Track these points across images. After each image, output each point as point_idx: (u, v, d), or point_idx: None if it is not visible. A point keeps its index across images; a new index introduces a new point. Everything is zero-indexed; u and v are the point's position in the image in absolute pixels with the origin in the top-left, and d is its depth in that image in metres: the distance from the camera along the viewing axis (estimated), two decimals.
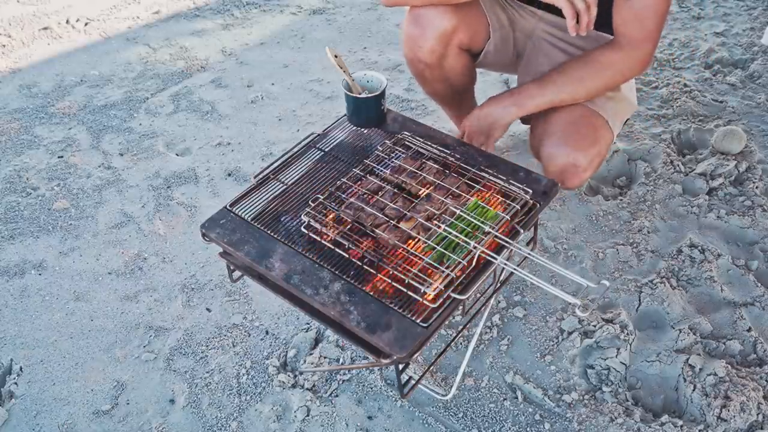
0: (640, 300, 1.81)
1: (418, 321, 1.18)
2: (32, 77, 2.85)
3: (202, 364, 1.72)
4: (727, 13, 3.08)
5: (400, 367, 1.27)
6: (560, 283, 1.86)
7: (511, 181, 1.42)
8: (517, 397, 1.61)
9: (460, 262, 1.23)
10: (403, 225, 1.31)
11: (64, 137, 2.51)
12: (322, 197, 1.39)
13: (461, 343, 1.73)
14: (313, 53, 2.93)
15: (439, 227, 1.30)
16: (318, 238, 1.32)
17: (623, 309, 1.78)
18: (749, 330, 1.73)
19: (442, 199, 1.36)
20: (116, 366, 1.73)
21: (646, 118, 2.46)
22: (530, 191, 1.39)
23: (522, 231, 1.33)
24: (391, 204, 1.36)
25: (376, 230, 1.30)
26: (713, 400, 1.55)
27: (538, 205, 1.39)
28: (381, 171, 1.46)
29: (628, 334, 1.69)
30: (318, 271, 1.28)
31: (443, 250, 1.26)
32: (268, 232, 1.36)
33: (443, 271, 1.22)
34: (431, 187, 1.41)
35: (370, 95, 1.57)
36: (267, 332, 1.78)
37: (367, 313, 1.20)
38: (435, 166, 1.46)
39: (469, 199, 1.37)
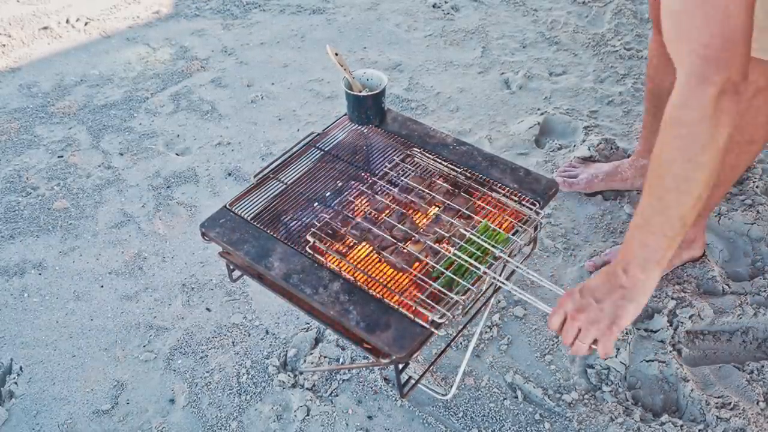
0: None
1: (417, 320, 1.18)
2: (32, 77, 2.85)
3: (202, 363, 1.72)
4: None
5: (400, 366, 1.27)
6: (560, 283, 1.87)
7: (523, 202, 1.38)
8: (517, 397, 1.61)
9: (469, 289, 1.21)
10: (410, 247, 1.28)
11: (64, 137, 2.51)
12: (328, 217, 1.35)
13: (461, 343, 1.73)
14: (313, 53, 2.93)
15: (448, 251, 1.26)
16: (323, 260, 1.29)
17: None
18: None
19: (452, 220, 1.31)
20: (116, 366, 1.73)
21: None
22: (541, 212, 1.35)
23: (522, 231, 1.33)
24: (399, 225, 1.32)
25: (383, 252, 1.27)
26: (713, 399, 1.55)
27: (539, 204, 1.39)
28: (389, 190, 1.41)
29: (627, 333, 1.69)
30: (317, 271, 1.28)
31: (453, 276, 1.22)
32: (268, 231, 1.36)
33: (452, 298, 1.18)
34: (440, 207, 1.36)
35: (370, 93, 1.57)
36: (267, 332, 1.78)
37: (366, 312, 1.20)
38: (444, 185, 1.42)
39: (479, 221, 1.32)
